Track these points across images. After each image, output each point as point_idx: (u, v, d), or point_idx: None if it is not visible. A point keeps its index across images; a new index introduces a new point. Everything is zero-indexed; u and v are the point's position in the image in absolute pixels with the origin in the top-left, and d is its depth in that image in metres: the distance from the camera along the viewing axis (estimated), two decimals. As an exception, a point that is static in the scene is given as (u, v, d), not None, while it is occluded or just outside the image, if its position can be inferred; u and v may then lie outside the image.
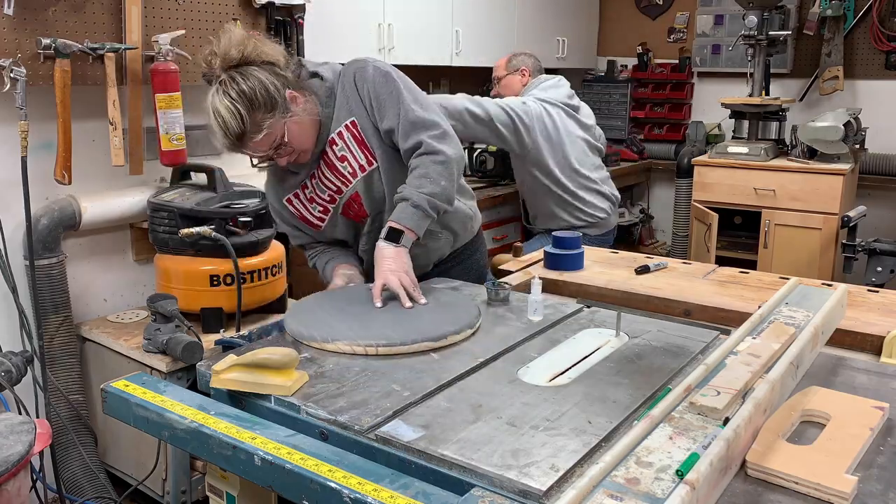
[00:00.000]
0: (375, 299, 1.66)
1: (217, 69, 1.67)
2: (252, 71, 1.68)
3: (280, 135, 1.74)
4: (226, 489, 1.41)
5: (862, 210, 3.72)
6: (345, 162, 1.87)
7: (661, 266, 2.18)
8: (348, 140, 1.85)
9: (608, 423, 1.18)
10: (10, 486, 1.67)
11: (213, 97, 1.68)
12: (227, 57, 1.67)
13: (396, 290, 1.67)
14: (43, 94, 2.33)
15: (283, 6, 2.90)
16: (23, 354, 2.23)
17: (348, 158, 1.87)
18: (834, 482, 1.00)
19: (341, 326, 1.52)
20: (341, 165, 1.87)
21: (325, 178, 1.91)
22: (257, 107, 1.68)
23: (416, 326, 1.53)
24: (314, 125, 1.83)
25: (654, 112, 5.39)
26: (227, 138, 1.70)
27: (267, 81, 1.68)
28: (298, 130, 1.78)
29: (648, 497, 0.94)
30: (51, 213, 2.42)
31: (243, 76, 1.67)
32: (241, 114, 1.66)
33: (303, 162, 1.86)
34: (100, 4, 2.41)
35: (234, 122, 1.66)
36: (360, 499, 1.01)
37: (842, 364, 1.45)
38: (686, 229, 4.51)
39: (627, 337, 1.56)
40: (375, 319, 1.58)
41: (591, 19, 5.54)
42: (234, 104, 1.65)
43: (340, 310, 1.64)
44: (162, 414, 1.28)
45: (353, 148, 1.86)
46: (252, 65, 1.69)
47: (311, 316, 1.60)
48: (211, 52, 1.68)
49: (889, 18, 4.49)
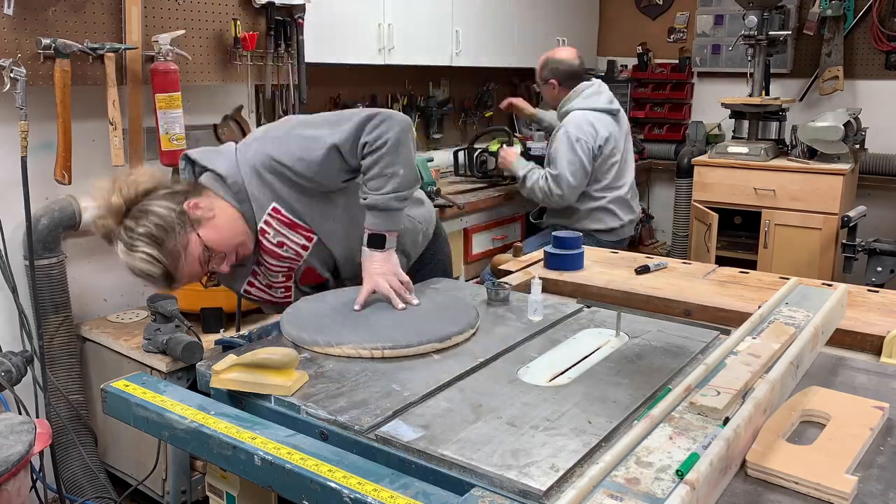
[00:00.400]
0: (356, 304, 1.65)
1: (113, 227, 1.60)
2: (141, 208, 1.60)
3: (201, 249, 1.64)
4: (226, 489, 1.41)
5: (862, 210, 3.72)
6: (284, 247, 1.77)
7: (661, 266, 2.18)
8: (278, 227, 1.75)
9: (608, 423, 1.18)
10: (10, 486, 1.67)
11: (123, 255, 1.60)
12: (113, 210, 1.59)
13: (386, 293, 1.66)
14: (43, 94, 2.33)
15: (283, 6, 2.90)
16: (23, 354, 2.23)
17: (286, 243, 1.77)
18: (834, 482, 1.00)
19: (343, 330, 1.52)
20: (282, 251, 1.78)
21: (272, 264, 1.81)
22: (163, 241, 1.58)
23: (418, 328, 1.53)
24: (233, 218, 1.70)
25: (654, 112, 5.39)
26: (157, 282, 1.63)
27: (159, 209, 1.60)
28: (216, 234, 1.66)
29: (648, 497, 0.94)
30: (51, 213, 2.42)
31: (136, 220, 1.59)
32: (153, 255, 1.58)
33: (246, 254, 1.75)
34: (100, 4, 2.41)
35: (153, 267, 1.59)
36: (360, 499, 1.01)
37: (842, 364, 1.45)
38: (686, 229, 4.51)
39: (627, 337, 1.56)
40: (377, 322, 1.58)
41: (591, 19, 5.54)
42: (142, 252, 1.57)
43: (339, 313, 1.63)
44: (162, 414, 1.28)
45: (287, 232, 1.76)
46: (137, 202, 1.61)
47: (310, 321, 1.59)
48: (99, 217, 1.61)
49: (889, 18, 4.49)
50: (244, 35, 2.76)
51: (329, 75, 3.70)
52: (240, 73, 2.83)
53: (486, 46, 4.24)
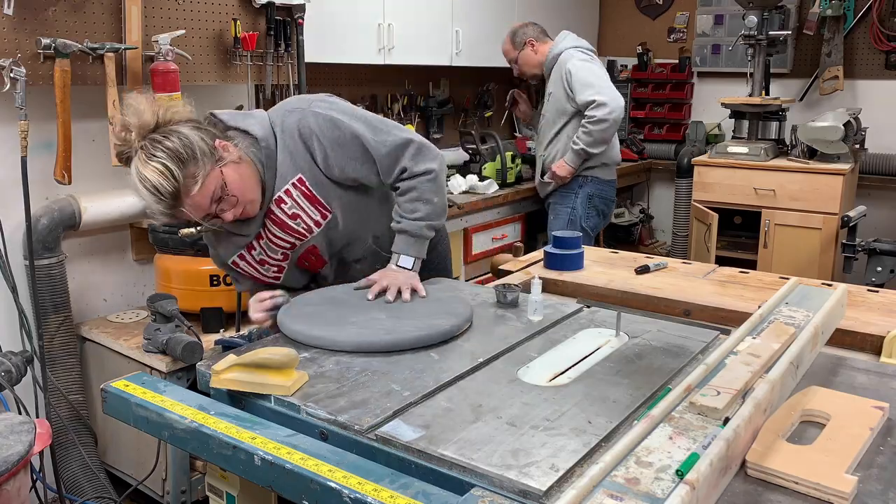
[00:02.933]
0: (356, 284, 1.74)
1: (134, 141, 1.53)
2: (172, 129, 1.55)
3: (218, 184, 1.58)
4: (226, 489, 1.41)
5: (862, 210, 3.72)
6: (297, 219, 1.75)
7: (661, 266, 2.18)
8: (297, 198, 1.73)
9: (608, 423, 1.18)
10: (10, 485, 1.67)
11: (137, 166, 1.52)
12: (142, 125, 1.53)
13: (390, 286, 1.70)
14: (43, 94, 2.33)
15: (283, 6, 2.90)
16: (23, 354, 2.23)
17: (301, 216, 1.75)
18: (834, 482, 1.00)
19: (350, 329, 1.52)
20: (294, 223, 1.75)
21: (276, 236, 1.77)
22: (186, 160, 1.52)
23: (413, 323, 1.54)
24: (255, 174, 1.68)
25: (654, 112, 5.39)
26: (162, 201, 1.52)
27: (191, 134, 1.55)
28: (238, 178, 1.62)
29: (648, 497, 0.94)
30: (51, 213, 2.42)
31: (165, 136, 1.53)
32: (171, 169, 1.50)
33: (250, 215, 1.70)
34: (100, 4, 2.41)
35: (165, 180, 1.50)
36: (360, 499, 1.01)
37: (842, 364, 1.45)
38: (686, 229, 4.51)
39: (627, 337, 1.56)
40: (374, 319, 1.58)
41: (591, 19, 5.54)
42: (161, 163, 1.50)
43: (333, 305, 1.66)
44: (162, 414, 1.28)
45: (305, 205, 1.74)
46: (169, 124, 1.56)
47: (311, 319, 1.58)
48: (123, 127, 1.54)
49: (889, 18, 4.49)
50: (244, 35, 2.77)
51: (329, 75, 3.70)
52: (240, 72, 2.83)
53: (486, 46, 4.23)
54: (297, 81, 3.02)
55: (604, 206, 3.69)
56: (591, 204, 3.63)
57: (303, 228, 1.77)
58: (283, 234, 1.77)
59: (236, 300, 2.35)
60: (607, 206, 3.73)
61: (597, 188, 3.63)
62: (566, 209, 3.63)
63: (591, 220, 3.64)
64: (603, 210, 3.70)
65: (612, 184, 3.72)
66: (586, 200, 3.61)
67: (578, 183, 3.61)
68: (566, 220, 3.62)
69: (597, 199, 3.64)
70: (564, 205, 3.64)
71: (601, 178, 3.64)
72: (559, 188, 3.65)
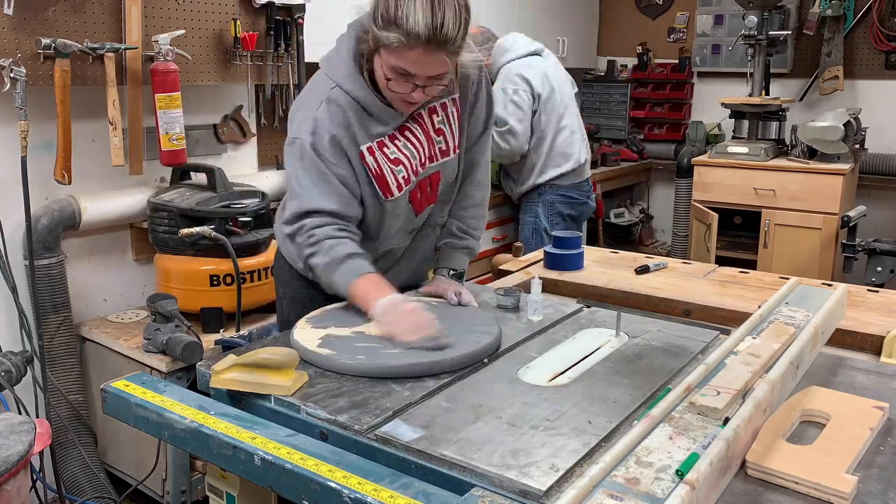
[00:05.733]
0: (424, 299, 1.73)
1: None
2: None
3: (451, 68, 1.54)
4: (226, 489, 1.41)
5: (862, 210, 3.72)
6: (441, 136, 1.71)
7: (661, 266, 2.18)
8: (451, 115, 1.71)
9: (608, 423, 1.18)
10: (10, 486, 1.67)
11: None
12: None
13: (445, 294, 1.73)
14: (43, 94, 2.33)
15: (283, 6, 2.90)
16: (23, 354, 2.23)
17: (445, 134, 1.71)
18: (834, 482, 1.00)
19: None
20: (437, 139, 1.71)
21: (417, 140, 1.68)
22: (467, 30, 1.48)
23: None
24: None
25: (654, 112, 5.39)
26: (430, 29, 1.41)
27: None
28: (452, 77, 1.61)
29: (648, 497, 0.94)
30: (51, 213, 2.42)
31: None
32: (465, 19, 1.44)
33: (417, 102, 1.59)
34: (100, 4, 2.41)
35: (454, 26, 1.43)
36: (360, 499, 1.01)
37: (842, 364, 1.45)
38: (686, 229, 4.51)
39: (627, 337, 1.56)
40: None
41: (591, 19, 5.54)
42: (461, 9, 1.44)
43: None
44: (162, 414, 1.28)
45: (453, 126, 1.72)
46: None
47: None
48: None
49: (889, 18, 4.49)
50: (244, 35, 2.76)
51: (329, 75, 3.69)
52: (240, 72, 2.83)
53: (486, 46, 4.23)
54: (297, 81, 3.02)
55: (570, 209, 3.55)
56: (554, 210, 3.51)
57: (440, 149, 1.72)
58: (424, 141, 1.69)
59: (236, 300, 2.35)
60: (575, 208, 3.57)
61: (556, 196, 3.50)
62: (530, 218, 3.54)
63: (559, 227, 3.49)
64: (570, 214, 3.56)
65: (575, 186, 3.55)
66: (548, 208, 3.50)
67: (538, 192, 3.50)
68: (531, 229, 3.53)
69: (560, 205, 3.51)
70: (528, 214, 3.55)
71: (560, 184, 3.50)
72: (522, 197, 3.58)
